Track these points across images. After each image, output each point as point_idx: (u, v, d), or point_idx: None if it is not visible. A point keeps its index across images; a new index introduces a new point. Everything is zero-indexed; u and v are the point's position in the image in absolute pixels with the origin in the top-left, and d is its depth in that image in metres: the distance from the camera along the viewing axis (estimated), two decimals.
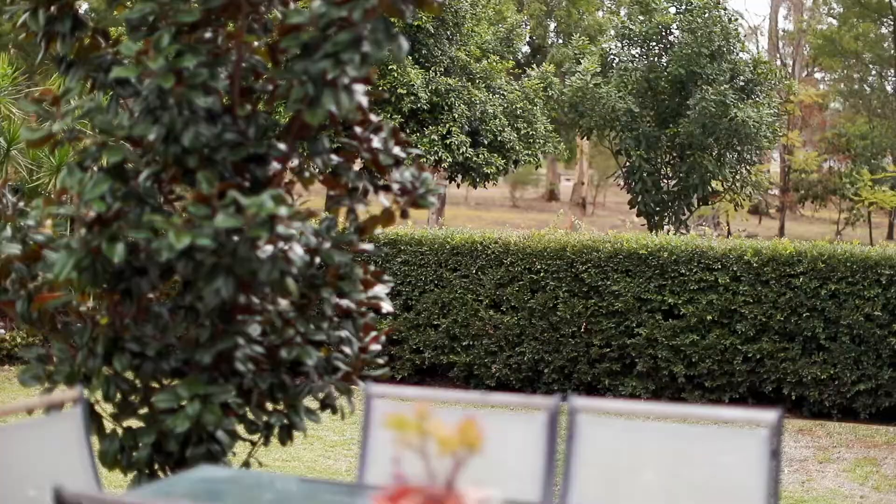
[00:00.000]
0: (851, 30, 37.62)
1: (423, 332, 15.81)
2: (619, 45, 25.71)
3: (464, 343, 15.69)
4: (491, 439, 3.51)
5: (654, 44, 24.89)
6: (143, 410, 6.61)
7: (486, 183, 24.48)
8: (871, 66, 39.60)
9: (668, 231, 24.70)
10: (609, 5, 36.43)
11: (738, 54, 24.68)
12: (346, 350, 7.14)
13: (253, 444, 7.04)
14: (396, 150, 7.07)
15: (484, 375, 15.65)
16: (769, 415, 4.42)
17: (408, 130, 22.50)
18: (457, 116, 22.51)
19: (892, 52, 36.80)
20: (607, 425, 4.69)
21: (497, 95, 23.76)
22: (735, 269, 14.65)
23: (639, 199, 24.52)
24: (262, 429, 6.85)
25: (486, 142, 23.16)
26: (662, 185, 24.98)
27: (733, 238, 16.25)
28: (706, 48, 23.84)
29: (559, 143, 25.23)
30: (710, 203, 27.51)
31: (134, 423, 6.58)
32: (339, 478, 10.91)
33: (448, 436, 3.53)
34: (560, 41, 32.19)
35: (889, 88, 40.63)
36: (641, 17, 25.15)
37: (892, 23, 35.99)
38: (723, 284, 14.67)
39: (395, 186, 7.05)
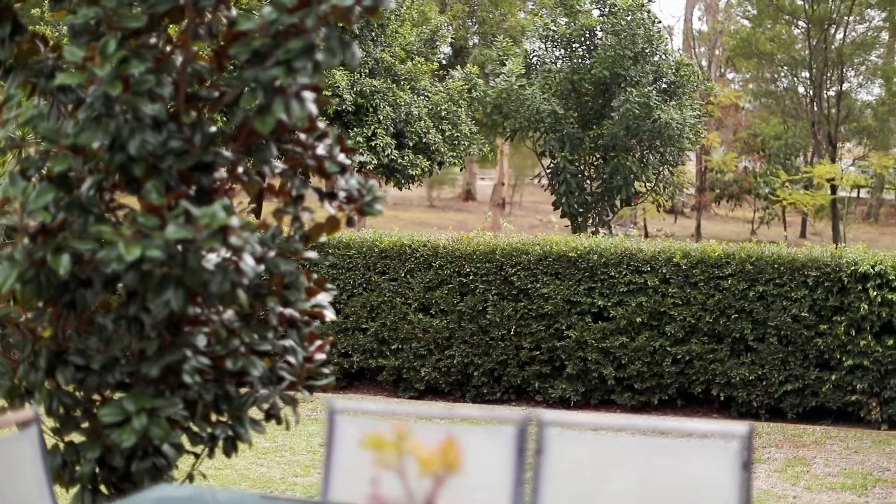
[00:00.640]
0: (766, 31, 38.08)
1: (352, 336, 15.72)
2: (543, 46, 25.76)
3: (392, 347, 15.61)
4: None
5: (578, 46, 24.99)
6: (86, 425, 6.46)
7: (411, 184, 24.43)
8: (784, 67, 40.12)
9: (592, 232, 24.90)
10: (531, 7, 36.51)
11: (661, 56, 24.85)
12: (291, 359, 7.04)
13: (196, 456, 6.92)
14: (341, 157, 6.98)
15: (413, 379, 15.58)
16: (740, 427, 4.41)
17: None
18: (382, 118, 22.42)
19: (805, 53, 37.31)
20: (577, 439, 4.65)
21: (422, 97, 23.71)
22: (664, 271, 14.73)
23: (563, 201, 24.60)
24: (206, 440, 6.74)
25: (411, 143, 23.10)
26: (586, 186, 25.09)
27: (661, 239, 16.33)
28: (630, 50, 23.98)
29: (484, 145, 25.24)
30: (632, 204, 27.67)
31: (76, 437, 6.43)
32: (274, 485, 10.79)
33: (429, 456, 3.47)
34: (482, 42, 32.24)
35: (802, 90, 41.19)
36: (565, 19, 25.23)
37: (805, 25, 36.51)
38: (652, 286, 14.74)
39: (342, 194, 6.96)
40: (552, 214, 51.74)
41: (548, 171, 25.56)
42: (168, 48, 6.34)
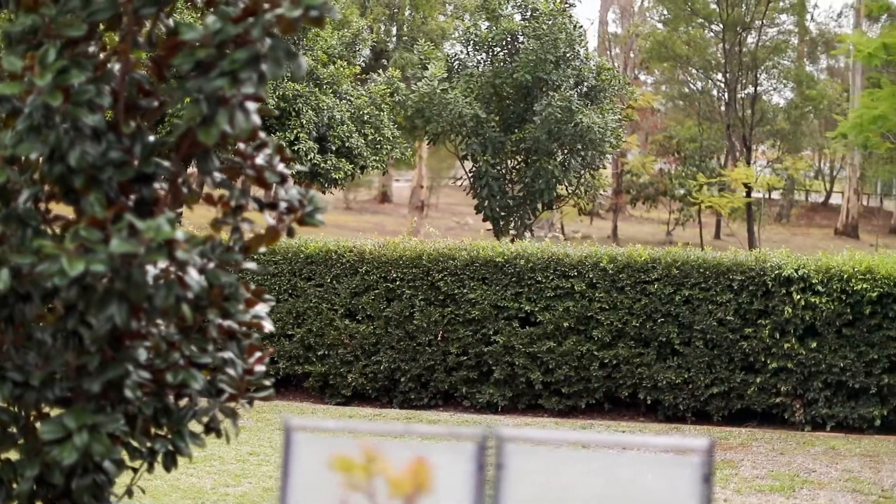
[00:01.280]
0: (682, 35, 38.46)
1: (278, 343, 15.59)
2: (464, 50, 25.75)
3: (319, 353, 15.51)
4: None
5: (500, 50, 25.00)
6: (23, 442, 6.31)
7: (334, 189, 24.31)
8: (699, 70, 40.55)
9: (514, 236, 24.95)
10: (451, 10, 36.49)
11: (582, 61, 24.96)
12: (231, 372, 6.93)
13: (135, 470, 6.79)
14: (280, 166, 6.89)
15: (339, 385, 15.50)
16: (700, 441, 4.40)
17: None
18: (304, 122, 22.27)
19: (720, 57, 37.74)
20: (536, 455, 4.62)
21: (344, 101, 23.61)
22: (591, 276, 14.80)
23: (485, 204, 24.62)
24: (146, 455, 6.62)
25: (333, 148, 22.97)
26: (508, 190, 25.12)
27: (586, 243, 16.39)
28: (552, 55, 24.05)
29: (406, 149, 25.20)
30: (553, 208, 27.78)
31: (13, 454, 6.28)
32: (206, 496, 10.65)
33: (399, 477, 3.43)
34: (403, 46, 32.17)
35: (716, 92, 41.65)
36: (487, 24, 25.24)
37: (719, 28, 36.94)
38: (579, 291, 14.80)
39: (282, 204, 6.88)
40: (469, 216, 51.86)
41: (470, 174, 25.57)
42: (104, 56, 6.21)
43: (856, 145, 30.25)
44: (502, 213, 24.90)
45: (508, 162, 25.53)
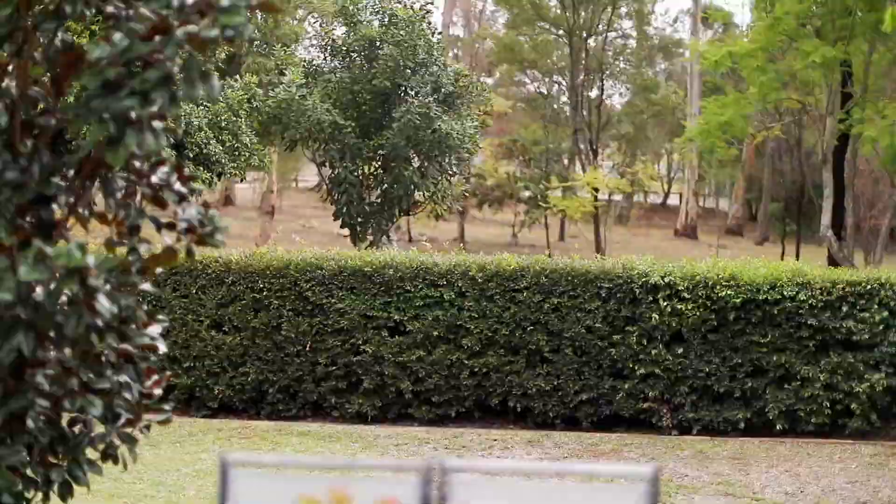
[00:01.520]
0: (529, 39, 38.83)
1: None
2: (322, 56, 25.57)
3: (185, 365, 15.20)
4: None
5: (357, 55, 24.86)
6: None
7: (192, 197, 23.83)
8: (545, 74, 41.00)
9: (371, 242, 24.87)
10: (301, 13, 36.13)
11: (441, 67, 24.97)
12: (127, 396, 6.73)
13: (28, 501, 6.54)
14: (178, 185, 6.71)
15: (206, 398, 15.22)
16: (645, 469, 4.40)
17: None
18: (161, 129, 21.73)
19: (565, 61, 38.21)
20: (482, 486, 4.57)
21: (201, 107, 23.20)
22: (460, 284, 14.80)
23: (343, 210, 24.47)
24: (41, 485, 6.38)
25: (191, 155, 22.56)
26: (366, 196, 25.01)
27: (456, 252, 16.41)
28: (411, 61, 24.03)
29: (264, 156, 24.91)
30: (411, 213, 27.79)
31: None
32: None
33: None
34: (256, 50, 31.77)
35: (563, 97, 42.17)
36: (344, 29, 25.08)
37: (566, 33, 37.40)
38: (448, 300, 14.80)
39: (182, 224, 6.69)
40: (314, 219, 51.59)
41: (327, 181, 25.38)
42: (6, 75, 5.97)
43: (703, 150, 30.97)
44: (360, 219, 24.80)
45: (366, 168, 25.44)
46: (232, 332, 15.17)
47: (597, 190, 36.68)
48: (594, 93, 41.26)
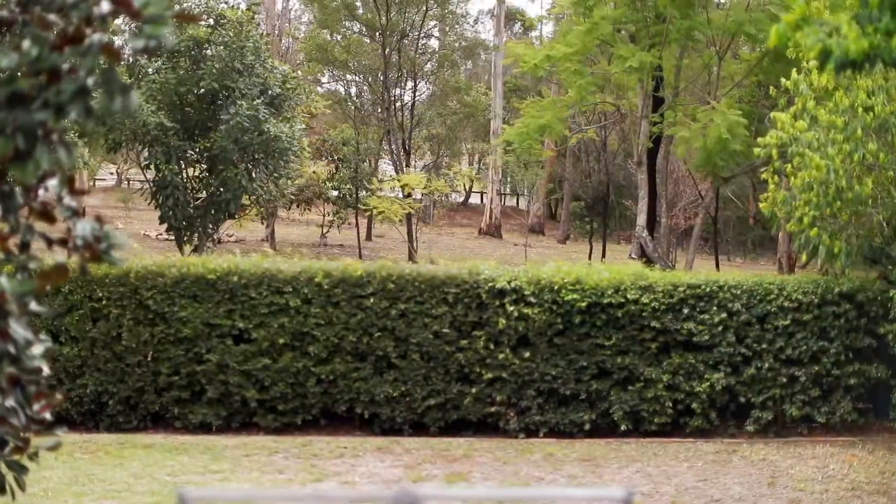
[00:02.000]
0: (341, 40, 38.66)
1: None
2: (147, 56, 24.90)
3: None
4: None
5: (184, 57, 24.30)
6: None
7: None
8: (357, 74, 40.89)
9: (196, 246, 24.39)
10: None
11: (268, 69, 24.63)
12: (15, 422, 6.43)
13: None
14: (68, 199, 6.44)
15: None
16: (618, 492, 4.42)
17: None
18: None
19: (378, 62, 38.19)
20: None
21: None
22: (306, 291, 14.64)
23: (170, 214, 23.91)
24: None
25: None
26: (192, 199, 24.50)
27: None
28: (239, 62, 23.65)
29: (90, 158, 24.16)
30: (236, 217, 27.35)
31: None
32: None
33: None
34: None
35: (375, 97, 42.07)
36: (171, 29, 24.42)
37: (379, 34, 37.38)
38: (294, 307, 14.62)
39: (78, 241, 6.43)
40: (117, 220, 50.33)
41: (152, 183, 24.77)
42: None
43: (520, 152, 31.37)
44: (185, 223, 24.29)
45: (190, 171, 24.93)
46: (69, 342, 14.65)
47: (409, 192, 36.72)
48: (407, 93, 41.37)
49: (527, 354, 14.70)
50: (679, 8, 24.90)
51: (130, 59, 23.77)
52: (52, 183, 6.47)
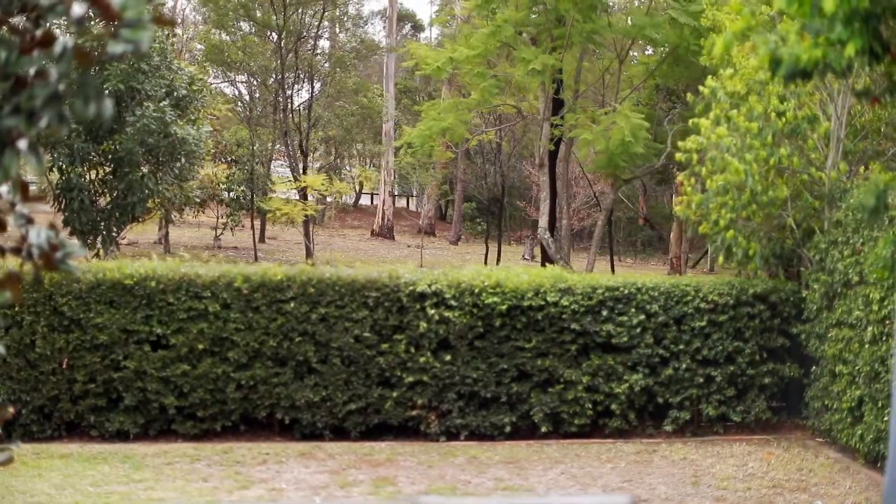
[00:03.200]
0: (238, 41, 38.29)
1: None
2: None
3: None
4: None
5: None
6: None
7: None
8: (254, 76, 40.50)
9: (97, 251, 23.98)
10: None
11: (174, 71, 24.30)
12: None
13: None
14: (20, 206, 6.32)
15: None
16: (622, 498, 4.48)
17: None
18: None
19: (276, 63, 37.89)
20: None
21: None
22: (225, 296, 14.49)
23: (74, 217, 23.46)
24: None
25: None
26: (97, 202, 24.08)
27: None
28: (146, 63, 23.30)
29: None
30: (141, 220, 26.90)
31: None
32: None
33: None
34: None
35: (272, 98, 41.70)
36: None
37: (277, 35, 37.07)
38: (213, 312, 14.46)
39: (34, 251, 6.30)
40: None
41: (56, 186, 24.28)
42: None
43: (421, 154, 31.39)
44: (89, 227, 23.87)
45: (93, 173, 24.50)
46: None
47: (305, 194, 36.54)
48: (303, 95, 41.13)
49: (448, 358, 14.74)
50: (581, 11, 25.15)
51: None
52: (4, 189, 6.34)
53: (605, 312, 15.02)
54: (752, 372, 15.32)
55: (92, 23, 5.63)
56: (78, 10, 5.47)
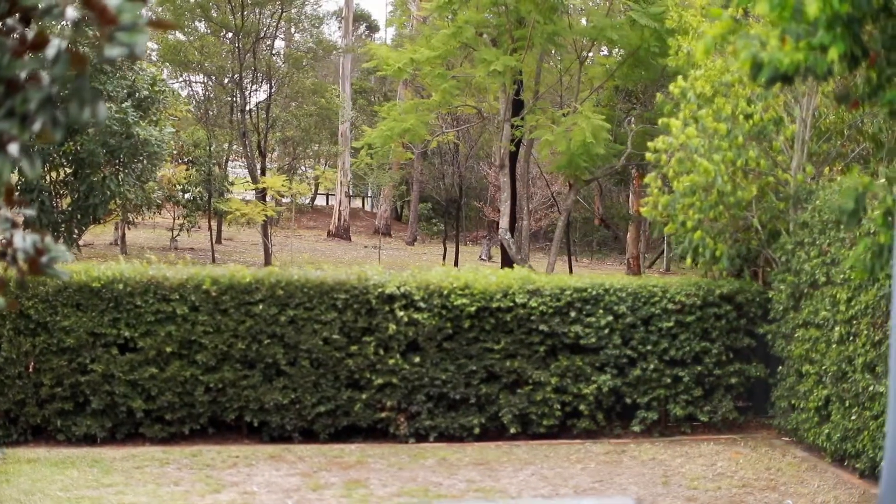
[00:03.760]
0: (195, 41, 38.12)
1: None
2: None
3: None
4: None
5: None
6: None
7: None
8: (211, 76, 40.34)
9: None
10: None
11: (136, 71, 24.14)
12: None
13: None
14: (5, 210, 6.28)
15: None
16: (625, 500, 4.50)
17: None
18: None
19: (234, 63, 37.74)
20: None
21: None
22: (193, 298, 14.43)
23: (35, 219, 23.21)
24: None
25: None
26: (58, 204, 23.88)
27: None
28: (108, 64, 23.04)
29: None
30: (102, 222, 26.70)
31: None
32: None
33: None
34: None
35: (229, 99, 41.53)
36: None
37: (234, 36, 36.93)
38: (181, 315, 14.39)
39: (20, 255, 6.26)
40: None
41: (17, 188, 24.03)
42: None
43: (381, 154, 31.38)
44: (50, 229, 23.66)
45: (54, 174, 24.30)
46: None
47: (264, 196, 36.43)
48: (261, 95, 40.96)
49: (417, 359, 14.74)
50: (542, 13, 25.22)
51: None
52: None
53: (573, 314, 15.08)
54: (719, 372, 15.43)
55: (87, 26, 5.59)
56: (73, 13, 5.44)
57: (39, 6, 5.44)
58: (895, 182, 7.93)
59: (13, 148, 5.79)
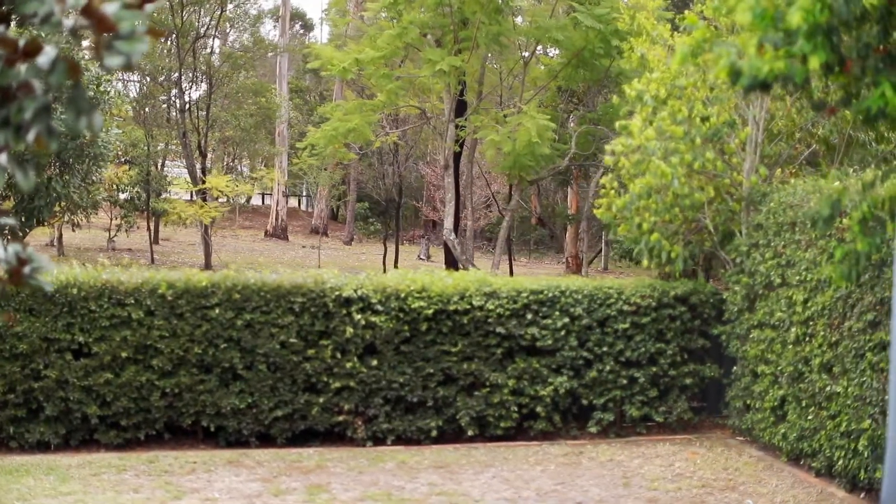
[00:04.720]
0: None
1: None
2: None
3: None
4: None
5: None
6: None
7: None
8: (149, 76, 40.02)
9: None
10: None
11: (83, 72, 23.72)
12: None
13: None
14: None
15: None
16: None
17: None
18: None
19: (174, 63, 37.47)
20: None
21: None
22: (149, 303, 14.30)
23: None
24: None
25: None
26: (0, 205, 23.52)
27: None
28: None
29: None
30: (47, 224, 26.36)
31: None
32: None
33: None
34: None
35: (168, 99, 41.26)
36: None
37: (174, 36, 36.66)
38: (137, 319, 14.26)
39: (3, 265, 6.18)
40: None
41: None
42: None
43: (325, 155, 31.23)
44: None
45: None
46: None
47: (203, 196, 36.19)
48: (201, 94, 40.67)
49: (374, 362, 14.72)
50: (487, 13, 25.25)
51: None
52: None
53: (529, 316, 15.13)
54: (674, 373, 15.56)
55: (82, 35, 5.53)
56: (71, 21, 5.37)
57: (38, 14, 5.37)
58: (869, 188, 8.04)
59: (2, 158, 5.71)
